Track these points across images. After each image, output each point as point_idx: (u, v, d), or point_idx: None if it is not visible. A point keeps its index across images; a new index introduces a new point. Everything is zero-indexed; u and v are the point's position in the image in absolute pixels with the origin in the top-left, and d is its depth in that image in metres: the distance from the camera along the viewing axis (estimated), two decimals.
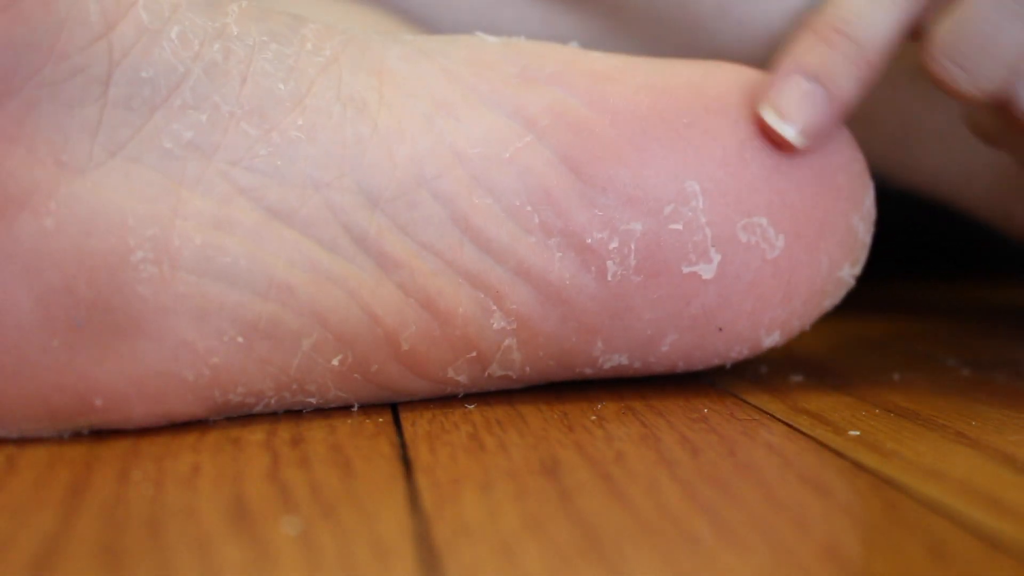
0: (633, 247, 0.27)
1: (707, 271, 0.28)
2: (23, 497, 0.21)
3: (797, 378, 0.33)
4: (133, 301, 0.23)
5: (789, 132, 0.28)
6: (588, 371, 0.29)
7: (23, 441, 0.24)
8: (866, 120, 0.34)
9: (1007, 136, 0.32)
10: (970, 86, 0.29)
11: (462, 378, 0.28)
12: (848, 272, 0.30)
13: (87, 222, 0.23)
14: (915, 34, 0.32)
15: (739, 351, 0.30)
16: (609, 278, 0.27)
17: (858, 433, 0.26)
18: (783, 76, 0.29)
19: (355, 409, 0.28)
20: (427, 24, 0.45)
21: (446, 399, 0.29)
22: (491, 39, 0.29)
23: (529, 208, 0.27)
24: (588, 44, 0.31)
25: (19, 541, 0.19)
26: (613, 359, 0.29)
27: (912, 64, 0.31)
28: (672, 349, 0.29)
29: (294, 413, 0.27)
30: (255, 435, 0.25)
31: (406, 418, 0.27)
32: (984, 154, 0.39)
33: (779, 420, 0.28)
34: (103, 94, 0.23)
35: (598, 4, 0.44)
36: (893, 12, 0.29)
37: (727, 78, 0.29)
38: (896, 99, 0.39)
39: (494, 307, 0.27)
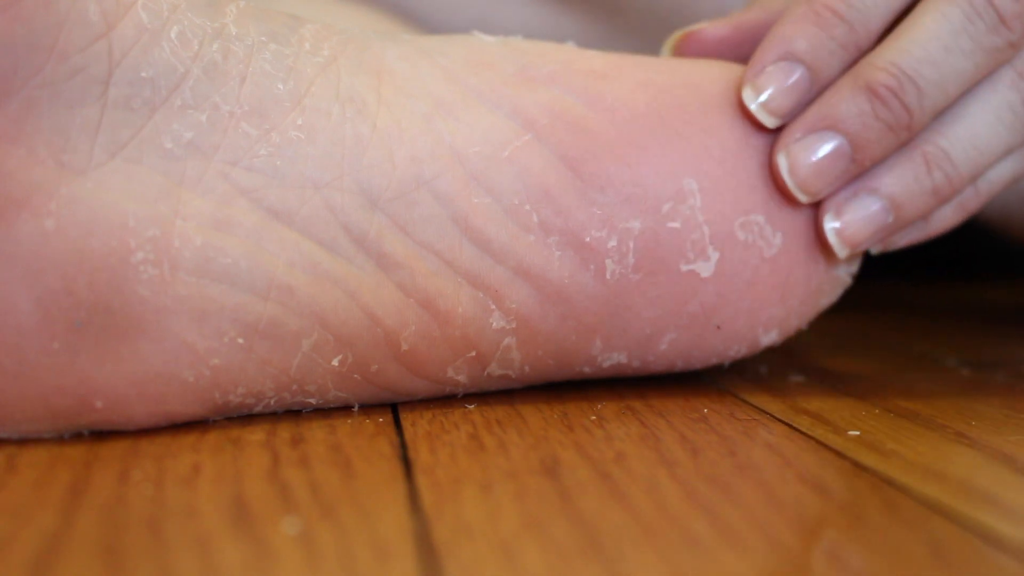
0: (632, 245, 0.27)
1: (705, 269, 0.28)
2: (23, 497, 0.21)
3: (797, 378, 0.33)
4: (133, 302, 0.23)
5: (765, 118, 0.28)
6: (587, 370, 0.29)
7: (23, 441, 0.24)
8: None
9: None
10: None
11: (461, 378, 0.28)
12: (845, 271, 0.30)
13: (87, 223, 0.23)
14: None
15: (737, 350, 0.30)
16: (608, 276, 0.27)
17: (858, 433, 0.26)
18: (769, 53, 0.28)
19: (355, 409, 0.28)
20: (425, 23, 0.45)
21: (446, 399, 0.29)
22: (489, 38, 0.29)
23: (528, 207, 0.27)
24: (586, 43, 0.32)
25: (19, 541, 0.19)
26: (612, 358, 0.29)
27: None
28: (671, 348, 0.29)
29: (294, 413, 0.27)
30: (255, 435, 0.25)
31: (406, 418, 0.27)
32: None
33: (779, 420, 0.28)
34: (103, 94, 0.23)
35: (596, 3, 0.44)
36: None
37: (724, 76, 0.29)
38: None
39: (493, 306, 0.27)
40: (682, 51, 0.32)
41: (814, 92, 0.28)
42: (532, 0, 0.45)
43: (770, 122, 0.28)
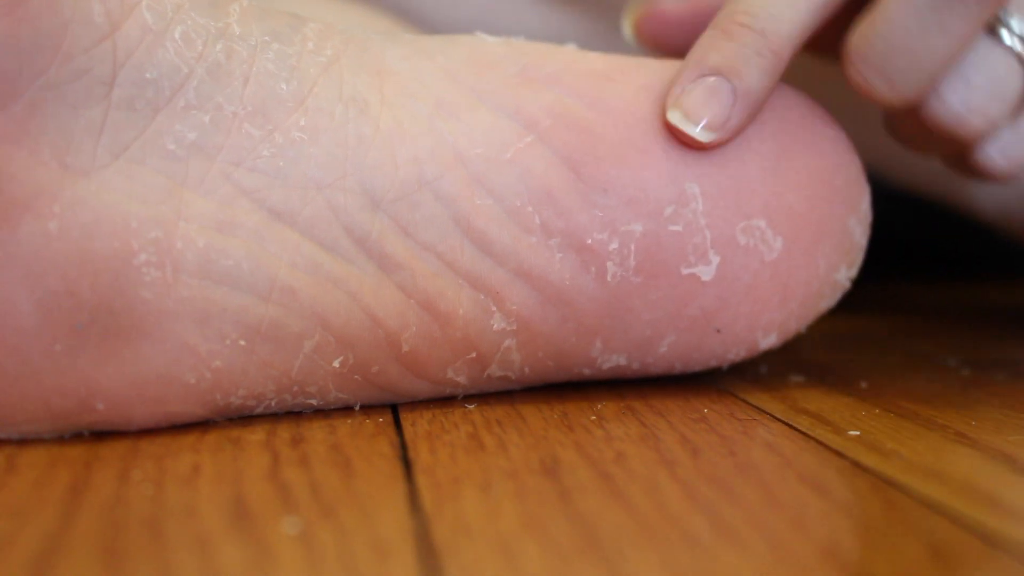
0: (633, 248, 0.27)
1: (706, 273, 0.28)
2: (23, 497, 0.21)
3: (797, 378, 0.33)
4: (136, 304, 0.24)
5: (694, 131, 0.27)
6: (586, 372, 0.29)
7: (23, 441, 0.24)
8: (862, 122, 0.34)
9: (926, 140, 0.31)
10: (890, 93, 0.29)
11: (461, 379, 0.28)
12: (844, 274, 0.30)
13: (90, 225, 0.23)
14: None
15: (736, 353, 0.30)
16: (609, 279, 0.27)
17: (858, 433, 0.26)
18: (687, 75, 0.28)
19: (355, 409, 0.28)
20: (426, 24, 0.45)
21: (446, 399, 0.29)
22: (491, 39, 0.29)
23: (530, 209, 0.27)
24: (588, 44, 0.32)
25: (19, 541, 0.19)
26: (611, 360, 0.29)
27: None
28: (670, 350, 0.29)
29: (294, 413, 0.27)
30: (255, 435, 0.25)
31: (406, 418, 0.27)
32: None
33: (779, 420, 0.28)
34: (107, 95, 0.23)
35: (597, 4, 0.44)
36: (799, 2, 0.28)
37: None
38: None
39: (494, 308, 0.27)
40: (642, 28, 0.32)
41: (743, 104, 0.27)
42: (534, 0, 0.45)
43: (700, 134, 0.27)
